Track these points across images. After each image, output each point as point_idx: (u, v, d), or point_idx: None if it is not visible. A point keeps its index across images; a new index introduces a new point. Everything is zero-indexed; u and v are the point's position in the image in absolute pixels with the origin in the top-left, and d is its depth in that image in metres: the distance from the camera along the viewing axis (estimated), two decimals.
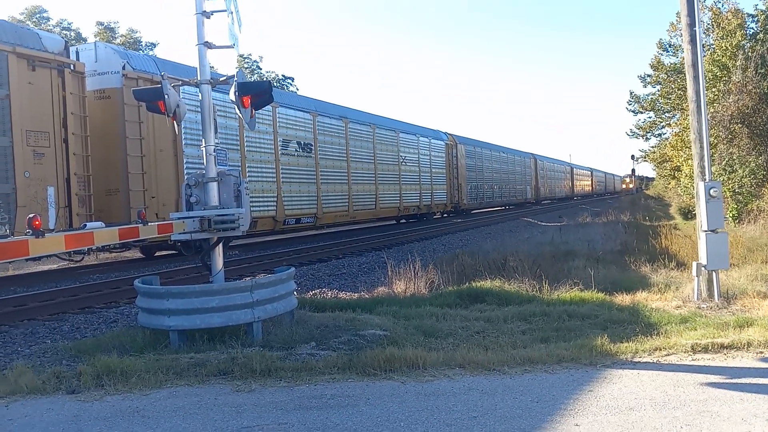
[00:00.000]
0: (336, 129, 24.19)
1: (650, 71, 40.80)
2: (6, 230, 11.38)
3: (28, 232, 5.34)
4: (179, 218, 7.57)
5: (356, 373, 5.95)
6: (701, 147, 9.42)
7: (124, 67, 14.86)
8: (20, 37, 12.46)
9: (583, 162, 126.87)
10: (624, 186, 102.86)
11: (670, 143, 35.92)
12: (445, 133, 36.94)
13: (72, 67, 13.34)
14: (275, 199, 19.87)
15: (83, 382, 5.80)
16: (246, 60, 50.37)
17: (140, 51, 40.50)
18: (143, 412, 5.12)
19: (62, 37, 15.33)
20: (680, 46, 30.56)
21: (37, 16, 41.39)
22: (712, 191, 9.04)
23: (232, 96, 7.67)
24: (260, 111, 11.57)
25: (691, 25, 9.44)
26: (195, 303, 7.02)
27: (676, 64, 35.79)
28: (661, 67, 38.64)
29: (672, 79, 36.48)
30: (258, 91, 8.02)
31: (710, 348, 6.43)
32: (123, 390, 5.63)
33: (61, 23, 42.68)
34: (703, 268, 8.99)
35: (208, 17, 7.76)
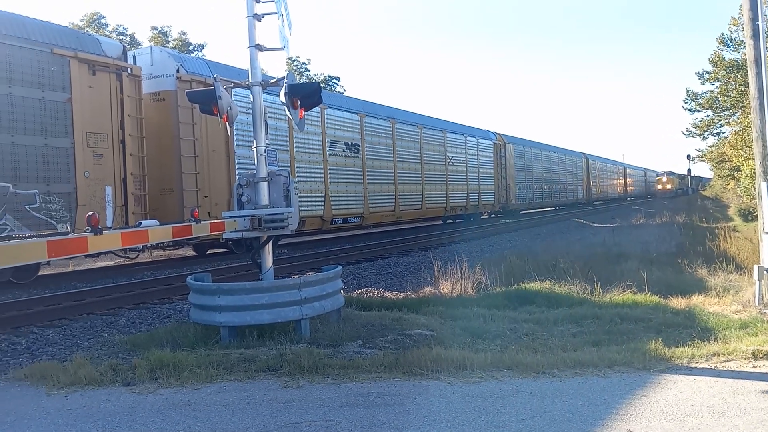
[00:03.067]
0: (383, 129, 24.25)
1: (709, 68, 39.35)
2: (67, 228, 11.86)
3: (88, 229, 5.55)
4: (231, 217, 7.72)
5: (402, 373, 5.94)
6: (764, 146, 9.03)
7: (178, 70, 15.27)
8: (81, 43, 12.95)
9: (636, 162, 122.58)
10: (660, 187, 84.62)
11: (729, 142, 34.54)
12: (494, 133, 36.55)
13: (129, 71, 13.79)
14: (323, 198, 20.07)
15: (138, 375, 5.99)
16: (294, 62, 51.01)
17: (190, 53, 41.53)
18: (195, 406, 5.24)
19: (120, 42, 15.87)
20: (742, 41, 29.41)
21: (96, 22, 42.95)
22: None
23: (282, 97, 7.78)
24: (309, 112, 11.71)
25: (754, 19, 9.08)
26: (245, 300, 7.15)
27: (737, 60, 34.42)
28: (721, 63, 37.18)
29: (732, 75, 35.10)
30: (307, 93, 8.12)
31: None
32: (175, 384, 5.78)
33: (117, 28, 44.17)
34: (765, 272, 8.61)
35: (259, 20, 7.88)
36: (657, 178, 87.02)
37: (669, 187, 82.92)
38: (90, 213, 5.66)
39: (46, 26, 12.63)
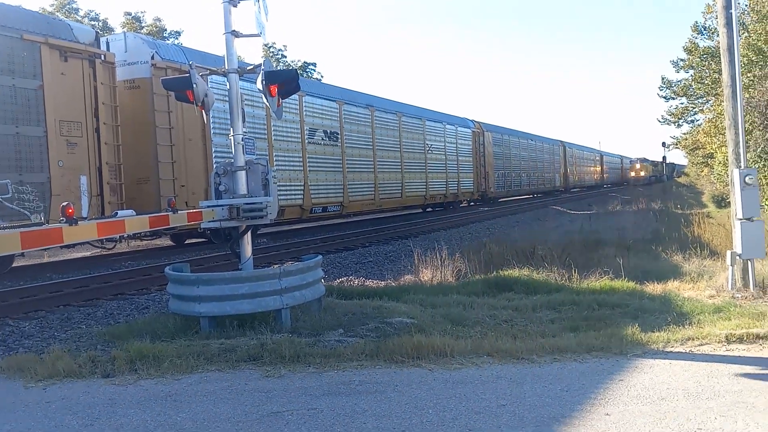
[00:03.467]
0: (362, 117, 24.17)
1: (684, 56, 39.86)
2: (41, 218, 11.65)
3: (62, 220, 5.45)
4: (208, 207, 7.66)
5: (384, 360, 5.97)
6: (736, 133, 9.18)
7: (153, 57, 15.01)
8: (52, 29, 12.65)
9: (613, 149, 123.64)
10: (633, 174, 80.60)
11: (703, 130, 35.14)
12: (472, 121, 36.64)
13: (103, 58, 13.52)
14: (302, 187, 19.97)
15: (117, 366, 5.93)
16: (271, 49, 50.49)
17: (166, 40, 40.87)
18: (175, 397, 5.21)
19: (92, 28, 15.55)
20: (716, 29, 29.75)
21: (67, 7, 42.02)
22: (747, 178, 8.81)
23: (259, 85, 7.70)
24: (287, 100, 11.60)
25: (727, 7, 9.18)
26: (225, 290, 7.10)
27: (711, 48, 34.88)
28: (696, 51, 37.67)
29: (706, 63, 35.59)
30: (285, 80, 8.03)
31: (745, 338, 6.30)
32: (155, 375, 5.75)
33: (89, 14, 43.30)
34: (737, 257, 8.79)
35: (235, 6, 7.78)
36: (630, 165, 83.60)
37: (643, 174, 80.00)
38: (64, 203, 5.56)
39: (15, 11, 12.30)
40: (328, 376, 5.65)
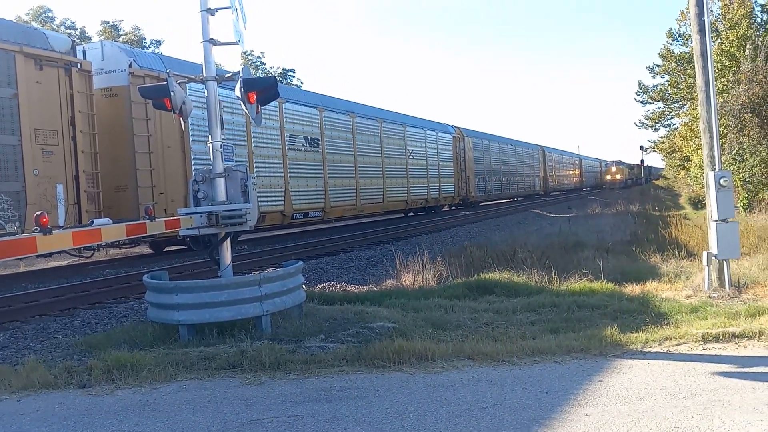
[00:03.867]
0: (343, 123, 24.16)
1: (659, 61, 40.48)
2: (16, 228, 11.46)
3: (36, 229, 5.37)
4: (187, 214, 7.60)
5: (365, 366, 5.96)
6: (711, 137, 9.34)
7: (130, 65, 14.88)
8: (27, 37, 12.49)
9: (591, 153, 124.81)
10: (609, 177, 77.51)
11: (679, 133, 35.67)
12: (453, 126, 36.83)
13: (79, 66, 13.37)
14: (283, 193, 19.89)
15: (94, 376, 5.84)
16: (249, 56, 50.35)
17: (145, 49, 40.56)
18: (153, 406, 5.15)
19: (68, 37, 15.39)
20: (690, 36, 30.28)
21: (43, 15, 41.55)
22: (722, 180, 8.96)
23: (238, 92, 7.67)
24: (267, 107, 11.57)
25: (700, 14, 9.35)
26: (204, 297, 7.05)
27: (685, 53, 35.46)
28: (671, 57, 38.29)
29: (681, 68, 36.17)
30: (264, 87, 8.02)
31: (721, 337, 6.39)
32: (133, 384, 5.67)
33: (65, 22, 42.83)
34: (713, 258, 8.92)
35: (213, 14, 7.76)
36: (606, 168, 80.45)
37: (619, 177, 76.39)
38: (38, 212, 5.47)
39: None
40: (309, 382, 5.62)
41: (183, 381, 5.75)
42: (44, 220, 5.46)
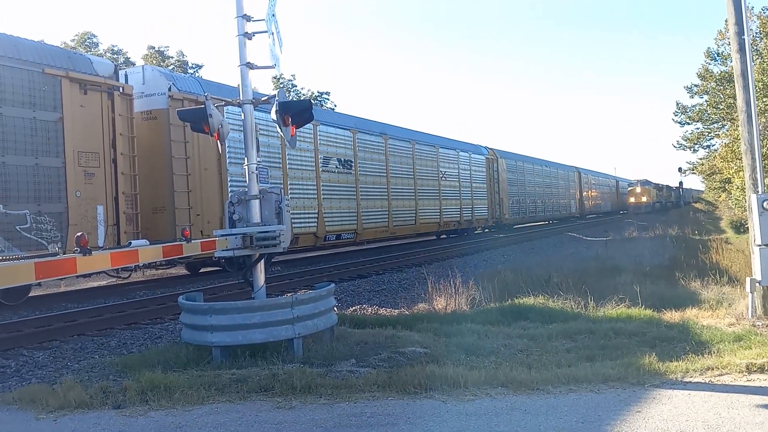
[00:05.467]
0: (375, 145, 24.32)
1: (697, 81, 39.80)
2: (58, 248, 11.77)
3: (77, 250, 5.50)
4: (222, 235, 7.69)
5: (396, 391, 5.89)
6: (753, 158, 9.09)
7: (170, 89, 15.29)
8: (72, 63, 12.96)
9: (628, 175, 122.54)
10: (633, 199, 67.61)
11: (719, 154, 34.79)
12: (486, 148, 36.71)
13: (121, 90, 13.80)
14: (316, 215, 20.05)
15: (128, 397, 5.91)
16: (280, 80, 51.17)
17: (187, 73, 41.68)
18: (185, 428, 5.17)
19: (112, 62, 15.90)
20: (729, 54, 29.74)
21: (88, 41, 43.08)
22: (765, 204, 8.69)
23: (273, 115, 7.80)
24: (301, 129, 11.70)
25: (740, 33, 9.17)
26: (237, 319, 7.09)
27: (724, 72, 34.81)
28: (710, 77, 37.62)
29: (721, 88, 35.47)
30: (299, 110, 8.14)
31: (766, 368, 6.14)
32: (166, 405, 5.71)
33: (111, 48, 44.32)
34: (757, 284, 8.63)
35: (250, 38, 7.92)
36: (629, 189, 70.48)
37: (644, 199, 66.90)
38: (79, 233, 5.62)
39: (37, 46, 12.65)
40: (340, 407, 5.58)
41: (215, 403, 5.77)
42: (84, 240, 5.60)
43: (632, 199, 67.50)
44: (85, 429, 5.24)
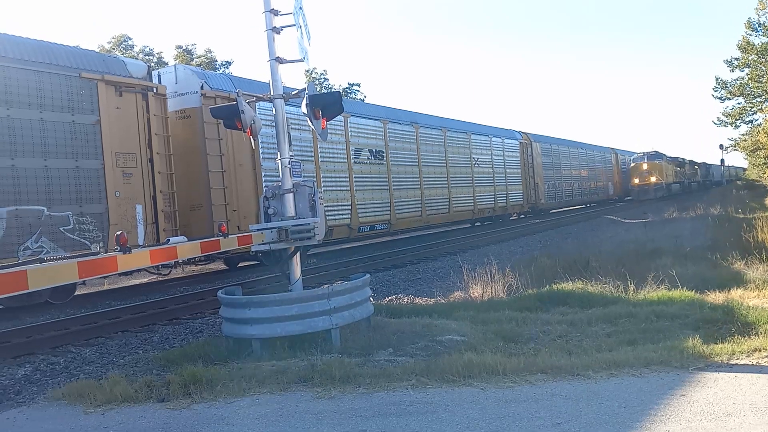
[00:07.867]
0: (406, 135, 24.23)
1: (737, 54, 38.52)
2: (100, 247, 12.09)
3: (117, 248, 5.64)
4: (258, 230, 7.79)
5: (434, 380, 5.89)
6: None
7: (202, 87, 15.48)
8: (107, 66, 13.23)
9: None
10: (637, 180, 49.09)
11: (763, 129, 33.73)
12: (519, 132, 36.23)
13: (155, 90, 14.03)
14: (349, 207, 20.11)
15: (172, 390, 6.05)
16: (312, 74, 51.32)
17: (216, 70, 42.16)
18: (228, 420, 5.28)
19: (145, 62, 16.17)
20: None
21: (123, 44, 43.94)
22: None
23: (304, 108, 7.83)
24: (332, 122, 11.71)
25: None
26: (275, 311, 7.19)
27: (767, 44, 33.60)
28: (751, 49, 36.36)
29: (763, 60, 34.28)
30: (328, 103, 8.16)
31: None
32: (209, 398, 5.83)
33: (144, 49, 45.12)
34: None
35: (278, 33, 7.96)
36: (631, 165, 51.80)
37: (654, 180, 47.96)
38: (118, 232, 5.75)
39: (73, 51, 12.95)
40: (379, 396, 5.61)
41: (256, 395, 5.87)
42: (124, 239, 5.73)
43: (636, 180, 49.65)
44: (131, 422, 5.39)
